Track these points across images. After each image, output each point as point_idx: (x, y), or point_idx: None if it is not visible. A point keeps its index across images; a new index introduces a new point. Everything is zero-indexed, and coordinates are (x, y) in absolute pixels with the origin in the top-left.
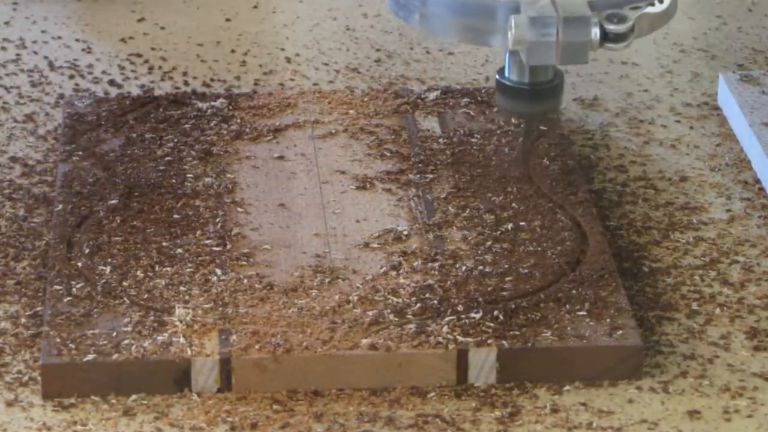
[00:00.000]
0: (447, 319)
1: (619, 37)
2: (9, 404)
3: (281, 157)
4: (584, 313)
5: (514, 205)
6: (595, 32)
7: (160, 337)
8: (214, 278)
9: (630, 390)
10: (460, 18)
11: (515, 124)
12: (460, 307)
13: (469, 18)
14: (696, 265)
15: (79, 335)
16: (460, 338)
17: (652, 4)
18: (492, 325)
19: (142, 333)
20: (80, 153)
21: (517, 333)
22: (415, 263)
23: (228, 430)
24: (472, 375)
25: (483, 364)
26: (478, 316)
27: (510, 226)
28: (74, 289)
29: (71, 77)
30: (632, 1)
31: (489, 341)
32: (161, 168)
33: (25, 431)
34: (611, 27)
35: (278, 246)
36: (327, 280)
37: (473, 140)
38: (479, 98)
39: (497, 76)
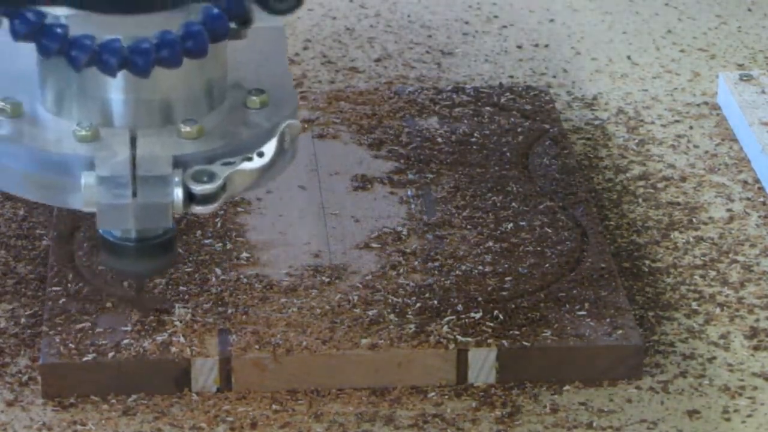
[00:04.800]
0: (447, 318)
1: (206, 198)
2: (9, 404)
3: None
4: (584, 312)
5: (513, 204)
6: (177, 193)
7: (159, 337)
8: (214, 278)
9: (630, 390)
10: (33, 174)
11: (515, 124)
12: (459, 307)
13: (43, 174)
14: (696, 264)
15: (79, 335)
16: (459, 338)
17: (250, 159)
18: (492, 324)
19: (141, 333)
20: None
21: (516, 333)
22: (415, 263)
23: (228, 429)
24: (472, 375)
25: (483, 363)
26: (477, 315)
27: (510, 225)
28: (74, 289)
29: None
30: (227, 155)
31: (489, 341)
32: None
33: (25, 431)
34: (198, 187)
35: (278, 246)
36: (326, 279)
37: (473, 140)
38: (479, 98)
39: (99, 230)
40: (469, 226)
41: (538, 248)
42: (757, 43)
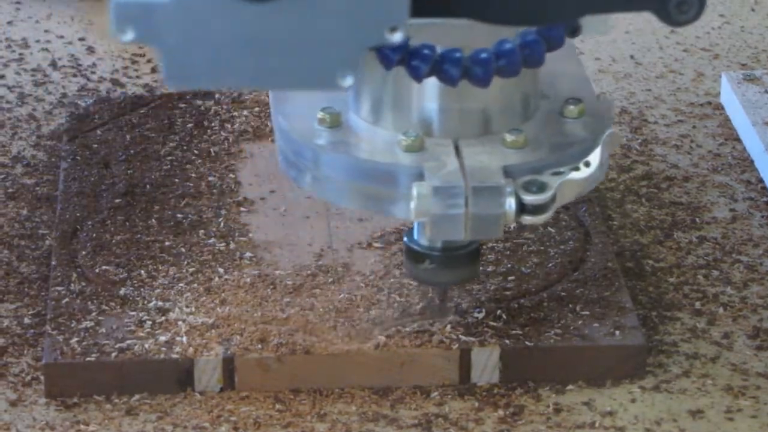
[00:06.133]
0: (450, 318)
1: (538, 209)
2: (12, 404)
3: None
4: (587, 312)
5: None
6: (510, 203)
7: (162, 337)
8: (217, 278)
9: (633, 389)
10: (356, 183)
11: None
12: (463, 307)
13: (367, 183)
14: (699, 264)
15: (82, 335)
16: (462, 338)
17: (577, 169)
18: (495, 324)
19: (144, 332)
20: (83, 152)
21: (520, 332)
22: None
23: (231, 429)
24: (475, 374)
25: (486, 363)
26: (481, 315)
27: (512, 225)
28: (77, 289)
29: (74, 76)
30: (554, 165)
31: (492, 341)
32: (164, 167)
33: (28, 430)
34: (529, 198)
35: (281, 245)
36: (330, 279)
37: None
38: None
39: (405, 239)
40: None
41: (542, 248)
42: (760, 42)
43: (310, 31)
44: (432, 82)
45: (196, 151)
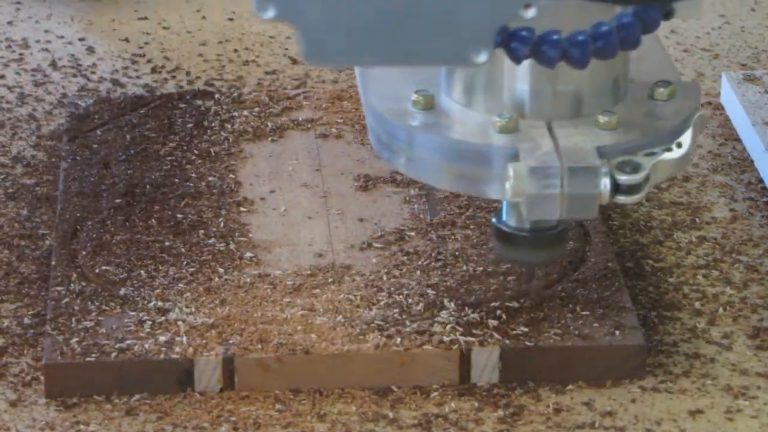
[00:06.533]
0: (450, 318)
1: (632, 189)
2: (12, 404)
3: (284, 157)
4: (587, 312)
5: None
6: (605, 183)
7: (162, 337)
8: (217, 278)
9: (633, 389)
10: (450, 164)
11: None
12: (463, 307)
13: (461, 164)
14: (699, 264)
15: (82, 335)
16: (462, 338)
17: (670, 150)
18: (495, 324)
19: (144, 332)
20: (83, 152)
21: (519, 332)
22: (418, 263)
23: (231, 429)
24: (475, 374)
25: (486, 363)
26: (480, 315)
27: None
28: (77, 289)
29: (74, 76)
30: (647, 146)
31: (492, 341)
32: (164, 167)
33: (28, 431)
34: (624, 178)
35: (281, 245)
36: (330, 279)
37: None
38: None
39: (493, 220)
40: (472, 226)
41: None
42: (760, 43)
43: (447, 6)
44: (525, 65)
45: (196, 151)
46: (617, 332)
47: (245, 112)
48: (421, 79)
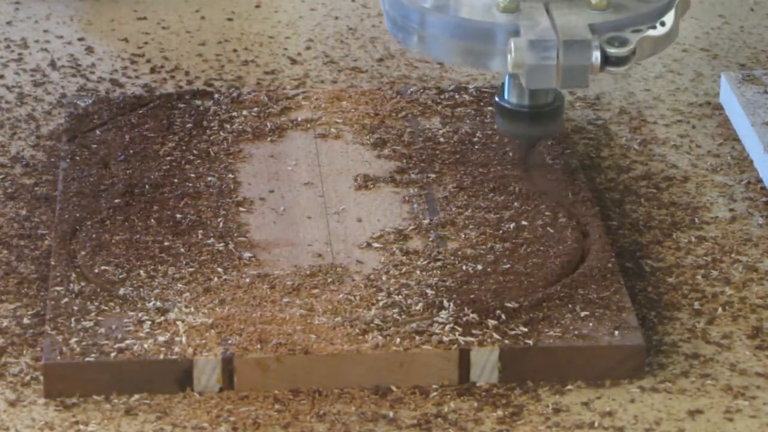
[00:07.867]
0: (449, 318)
1: (620, 61)
2: (11, 404)
3: (283, 157)
4: (586, 312)
5: (516, 204)
6: (596, 56)
7: (161, 337)
8: (216, 278)
9: (632, 389)
10: (458, 41)
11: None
12: (462, 307)
13: (468, 41)
14: (698, 264)
15: (81, 335)
16: (462, 338)
17: (654, 27)
18: (494, 324)
19: (144, 332)
20: (82, 152)
21: (519, 332)
22: (418, 263)
23: (230, 429)
24: (475, 374)
25: (485, 363)
26: (480, 315)
27: (512, 225)
28: (76, 289)
29: (73, 76)
30: (634, 24)
31: (491, 341)
32: (163, 167)
33: (27, 430)
34: (612, 50)
35: (280, 245)
36: (329, 279)
37: (475, 139)
38: (481, 98)
39: (496, 98)
40: (471, 226)
41: (541, 248)
42: (759, 43)
43: None
44: None
45: (195, 151)
46: (617, 332)
47: (244, 112)
48: None
